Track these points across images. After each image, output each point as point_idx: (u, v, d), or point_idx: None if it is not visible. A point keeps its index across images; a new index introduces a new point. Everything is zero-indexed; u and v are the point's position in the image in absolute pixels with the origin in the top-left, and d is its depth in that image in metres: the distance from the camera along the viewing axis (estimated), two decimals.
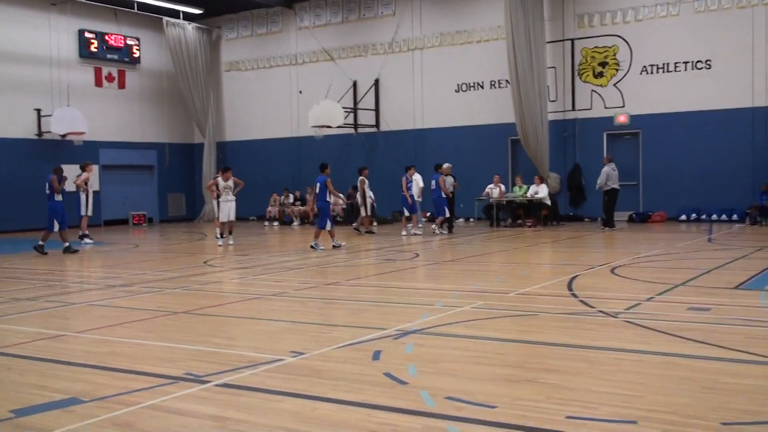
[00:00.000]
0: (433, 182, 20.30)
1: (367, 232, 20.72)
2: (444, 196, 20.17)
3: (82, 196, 19.90)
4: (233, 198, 18.26)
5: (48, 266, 14.84)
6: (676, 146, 22.32)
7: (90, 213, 20.17)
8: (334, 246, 16.43)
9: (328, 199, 16.74)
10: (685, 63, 22.26)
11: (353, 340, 6.88)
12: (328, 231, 16.60)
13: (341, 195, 22.43)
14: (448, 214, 20.36)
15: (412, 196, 20.28)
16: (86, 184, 19.85)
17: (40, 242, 16.99)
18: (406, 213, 20.56)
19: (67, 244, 17.16)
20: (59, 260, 16.11)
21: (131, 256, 16.62)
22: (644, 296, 8.94)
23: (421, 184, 20.59)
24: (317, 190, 16.90)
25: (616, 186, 20.06)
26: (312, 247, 16.27)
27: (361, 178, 20.99)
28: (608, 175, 19.95)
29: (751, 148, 21.40)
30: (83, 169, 19.99)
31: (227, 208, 18.23)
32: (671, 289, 9.45)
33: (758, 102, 21.31)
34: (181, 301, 9.71)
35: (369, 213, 21.21)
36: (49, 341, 7.29)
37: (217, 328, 7.92)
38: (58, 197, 17.24)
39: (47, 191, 17.29)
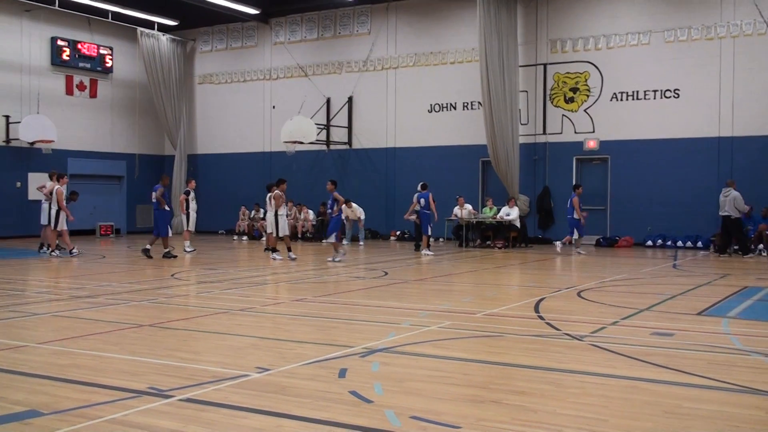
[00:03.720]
0: (423, 200, 20.25)
1: (268, 250, 19.39)
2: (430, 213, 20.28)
3: (45, 205, 19.27)
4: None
5: (12, 275, 14.61)
6: (643, 173, 22.63)
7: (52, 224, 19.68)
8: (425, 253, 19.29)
9: (426, 211, 19.98)
10: (655, 91, 22.64)
11: (319, 357, 6.85)
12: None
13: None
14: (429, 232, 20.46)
15: (431, 215, 20.22)
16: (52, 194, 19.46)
17: (165, 249, 18.12)
18: (429, 232, 20.26)
19: (167, 249, 18.24)
20: (25, 269, 15.88)
21: (97, 267, 16.43)
22: (609, 320, 9.02)
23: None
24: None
25: (721, 213, 19.23)
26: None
27: (270, 194, 20.26)
28: (720, 201, 19.29)
29: (717, 177, 21.75)
30: (59, 179, 19.35)
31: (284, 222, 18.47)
32: (636, 314, 9.55)
33: (724, 132, 21.71)
34: (146, 313, 9.61)
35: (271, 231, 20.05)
36: (10, 352, 7.16)
37: (183, 342, 7.84)
38: (166, 207, 18.30)
39: (153, 200, 18.29)
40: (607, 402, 5.44)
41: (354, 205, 23.76)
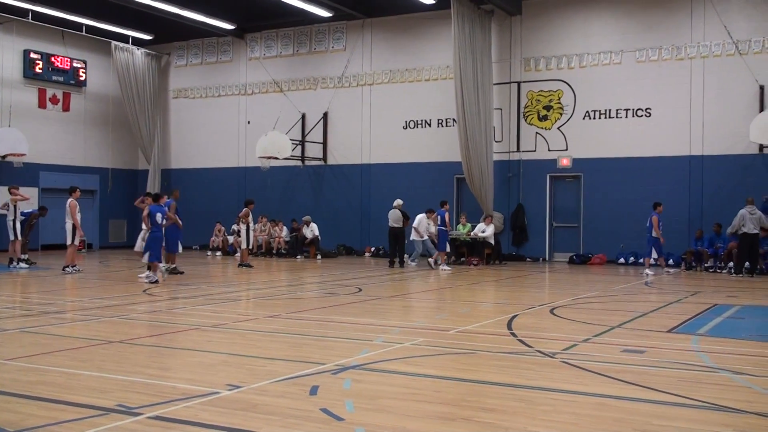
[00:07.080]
0: (439, 218, 21.10)
1: (245, 266, 20.07)
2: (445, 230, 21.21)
3: (9, 221, 19.57)
4: None
5: None
6: (616, 190, 22.85)
7: (19, 237, 19.66)
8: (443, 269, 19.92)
9: (444, 228, 20.86)
10: (626, 110, 22.91)
11: (291, 374, 6.82)
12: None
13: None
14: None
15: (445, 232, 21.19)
16: (12, 206, 19.53)
17: (172, 265, 17.67)
18: (447, 249, 21.39)
19: (174, 265, 17.81)
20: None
21: (68, 282, 16.23)
22: (581, 337, 9.07)
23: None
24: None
25: (747, 230, 18.41)
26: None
27: (245, 210, 20.80)
28: (742, 218, 18.53)
29: (687, 195, 22.03)
30: (10, 191, 19.85)
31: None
32: (607, 331, 9.62)
33: (695, 151, 22.00)
34: (117, 330, 9.50)
35: (248, 246, 21.15)
36: None
37: (153, 359, 7.76)
38: (179, 223, 17.88)
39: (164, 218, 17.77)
40: (577, 419, 5.46)
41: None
